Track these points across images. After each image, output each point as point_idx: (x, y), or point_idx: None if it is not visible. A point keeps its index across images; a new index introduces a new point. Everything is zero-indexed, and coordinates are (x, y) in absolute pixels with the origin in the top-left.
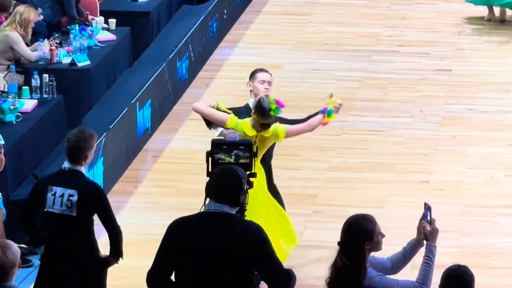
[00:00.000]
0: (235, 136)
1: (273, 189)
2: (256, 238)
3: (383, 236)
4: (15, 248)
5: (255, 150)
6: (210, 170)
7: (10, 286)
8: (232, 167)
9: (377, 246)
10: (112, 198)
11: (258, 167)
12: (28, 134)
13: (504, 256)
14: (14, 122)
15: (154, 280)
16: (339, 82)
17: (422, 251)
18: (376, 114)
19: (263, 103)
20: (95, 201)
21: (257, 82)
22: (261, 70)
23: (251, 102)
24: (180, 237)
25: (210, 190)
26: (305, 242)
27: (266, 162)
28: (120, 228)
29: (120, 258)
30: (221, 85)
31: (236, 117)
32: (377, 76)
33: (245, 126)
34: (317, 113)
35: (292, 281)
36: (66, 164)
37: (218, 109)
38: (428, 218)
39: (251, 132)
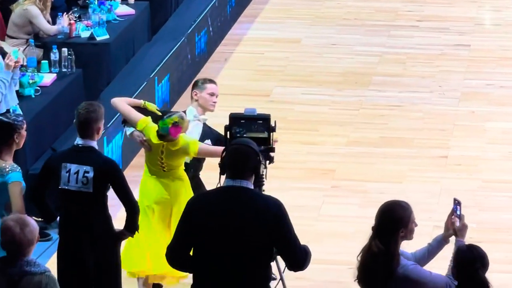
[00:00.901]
0: (253, 110)
1: None
2: (274, 212)
3: (416, 224)
4: (33, 224)
5: (161, 159)
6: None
7: (28, 261)
8: (245, 143)
9: (410, 234)
10: (130, 172)
11: (178, 176)
12: (46, 108)
13: None
14: (33, 96)
15: (174, 255)
16: (357, 57)
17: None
18: (395, 89)
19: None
20: (111, 177)
21: (205, 94)
22: (210, 81)
23: (192, 110)
24: (199, 212)
25: (227, 167)
26: (322, 217)
27: (192, 175)
28: (137, 203)
29: (136, 232)
30: (240, 59)
31: (149, 121)
32: (396, 51)
33: (152, 133)
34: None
35: (308, 257)
36: (78, 141)
37: (145, 108)
38: (458, 213)
39: (155, 140)
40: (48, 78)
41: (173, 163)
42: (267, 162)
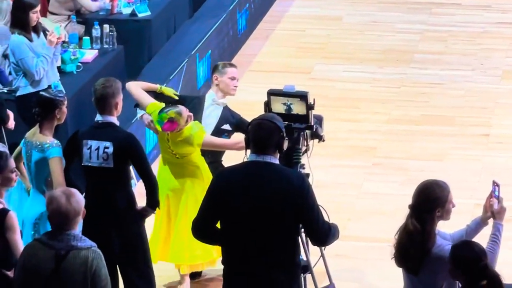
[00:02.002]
0: (292, 86)
1: None
2: (297, 186)
3: (453, 205)
4: (79, 196)
5: (169, 147)
6: None
7: (74, 234)
8: (269, 118)
9: (447, 215)
10: None
11: (193, 163)
12: (88, 84)
13: None
14: (75, 72)
15: (199, 228)
16: (399, 34)
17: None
18: (436, 67)
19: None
20: (131, 152)
21: (226, 78)
22: (231, 65)
23: (211, 95)
24: (224, 187)
25: (251, 142)
26: (364, 195)
27: (210, 161)
28: (155, 178)
29: (157, 208)
30: (281, 36)
31: (158, 106)
32: (438, 29)
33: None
34: None
35: (332, 234)
36: (98, 117)
37: (161, 93)
38: (496, 195)
39: (159, 128)
40: (89, 54)
41: (182, 151)
42: (316, 140)
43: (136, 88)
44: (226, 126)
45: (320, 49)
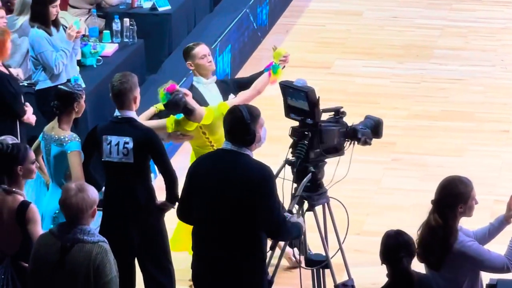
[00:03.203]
0: (303, 81)
1: None
2: (258, 176)
3: (476, 202)
4: (92, 191)
5: (208, 139)
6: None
7: (83, 229)
8: (240, 107)
9: (470, 211)
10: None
11: None
12: (108, 77)
13: None
14: (95, 66)
15: (179, 209)
16: (419, 30)
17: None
18: (456, 63)
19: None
20: (150, 147)
21: (198, 60)
22: (196, 44)
23: (199, 80)
24: (195, 171)
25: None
26: (383, 190)
27: None
28: (175, 173)
29: (176, 203)
30: (301, 31)
31: (172, 117)
32: (458, 25)
33: (183, 124)
34: (262, 72)
35: (288, 229)
36: (117, 112)
37: (159, 111)
38: None
39: (191, 127)
40: (109, 48)
41: (218, 136)
42: (356, 142)
43: (144, 122)
44: (231, 96)
45: (340, 44)
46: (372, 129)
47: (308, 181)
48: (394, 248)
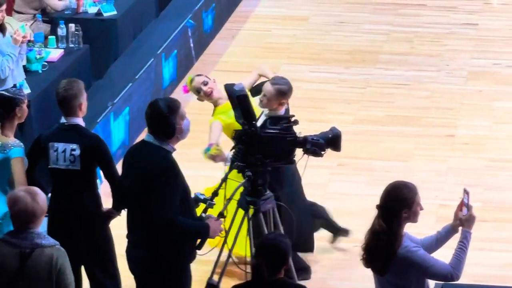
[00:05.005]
0: (240, 85)
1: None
2: (155, 170)
3: (421, 208)
4: (43, 194)
5: None
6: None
7: (39, 233)
8: (159, 100)
9: (414, 217)
10: None
11: None
12: (54, 83)
13: None
14: (40, 71)
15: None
16: (365, 35)
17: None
18: (402, 68)
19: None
20: (96, 153)
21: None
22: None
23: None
24: (123, 161)
25: None
26: (329, 195)
27: None
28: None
29: (122, 210)
30: (247, 36)
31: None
32: (403, 30)
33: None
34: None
35: (171, 223)
36: (63, 119)
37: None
38: (466, 203)
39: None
40: (55, 53)
41: None
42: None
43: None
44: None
45: (286, 49)
46: (328, 141)
47: (249, 185)
48: (255, 252)
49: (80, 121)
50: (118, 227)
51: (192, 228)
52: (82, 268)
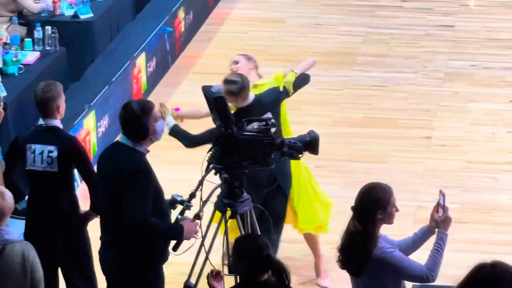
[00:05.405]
0: (217, 87)
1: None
2: (126, 171)
3: (397, 210)
4: (9, 193)
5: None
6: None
7: (6, 230)
8: (132, 102)
9: (389, 218)
10: None
11: None
12: (30, 86)
13: (505, 212)
14: (17, 74)
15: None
16: (342, 37)
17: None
18: (379, 70)
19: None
20: (74, 155)
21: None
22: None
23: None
24: (97, 161)
25: None
26: None
27: None
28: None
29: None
30: (224, 39)
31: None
32: (381, 32)
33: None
34: None
35: (143, 226)
36: (41, 121)
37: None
38: (442, 204)
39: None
40: (31, 56)
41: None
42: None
43: None
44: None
45: (263, 51)
46: (306, 144)
47: (226, 188)
48: (257, 249)
49: (58, 123)
50: (97, 230)
51: (164, 229)
52: (59, 270)
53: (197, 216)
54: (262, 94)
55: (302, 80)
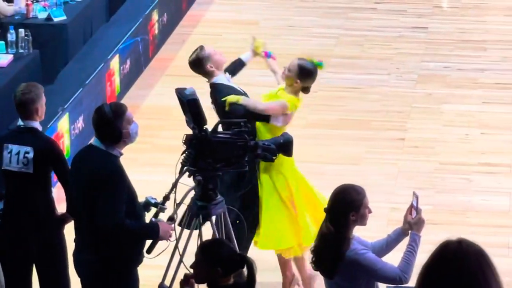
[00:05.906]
0: (190, 90)
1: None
2: (98, 175)
3: (370, 211)
4: None
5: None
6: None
7: None
8: (104, 105)
9: (362, 220)
10: None
11: None
12: (3, 89)
13: (478, 213)
14: None
15: None
16: (315, 39)
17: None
18: (352, 71)
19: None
20: (50, 156)
21: (214, 56)
22: (199, 49)
23: (222, 79)
24: (71, 164)
25: None
26: None
27: None
28: None
29: None
30: (198, 41)
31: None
32: (354, 33)
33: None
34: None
35: (120, 233)
36: (20, 122)
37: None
38: (415, 206)
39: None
40: (4, 59)
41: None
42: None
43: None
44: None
45: (237, 53)
46: (279, 146)
47: (199, 190)
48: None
49: (36, 124)
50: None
51: (140, 229)
52: (34, 272)
53: (171, 219)
54: (223, 88)
55: (234, 109)
